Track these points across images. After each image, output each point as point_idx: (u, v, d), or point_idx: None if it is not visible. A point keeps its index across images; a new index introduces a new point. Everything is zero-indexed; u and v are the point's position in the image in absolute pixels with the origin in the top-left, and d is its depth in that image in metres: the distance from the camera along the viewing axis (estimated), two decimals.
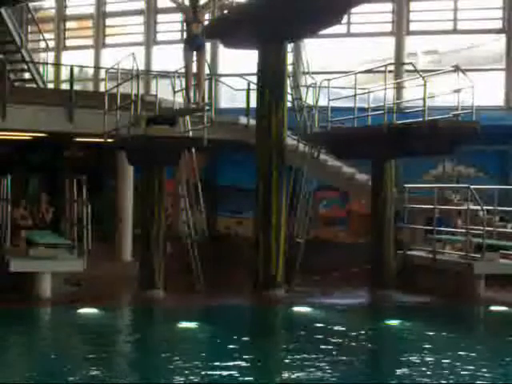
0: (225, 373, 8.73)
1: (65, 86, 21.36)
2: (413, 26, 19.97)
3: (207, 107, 13.96)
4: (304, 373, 8.70)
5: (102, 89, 19.39)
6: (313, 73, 17.20)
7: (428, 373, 8.82)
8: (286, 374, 8.72)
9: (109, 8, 22.80)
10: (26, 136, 17.48)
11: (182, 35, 21.56)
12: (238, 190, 19.64)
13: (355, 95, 15.21)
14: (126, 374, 9.06)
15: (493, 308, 13.25)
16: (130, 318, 13.03)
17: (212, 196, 19.54)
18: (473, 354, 9.77)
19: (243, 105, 17.10)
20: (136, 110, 13.99)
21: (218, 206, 20.36)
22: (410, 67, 16.47)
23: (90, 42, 23.00)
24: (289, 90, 15.73)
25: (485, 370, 9.05)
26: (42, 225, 15.69)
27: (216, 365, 9.17)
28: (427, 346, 10.17)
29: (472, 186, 14.54)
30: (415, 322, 11.88)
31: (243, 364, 9.41)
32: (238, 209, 19.82)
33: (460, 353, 9.78)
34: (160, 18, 22.09)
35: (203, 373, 8.64)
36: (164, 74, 17.19)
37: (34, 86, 19.10)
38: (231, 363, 9.44)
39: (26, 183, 19.65)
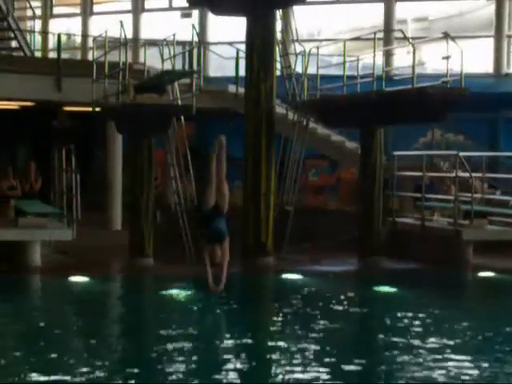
0: (216, 339, 8.77)
1: (52, 55, 21.20)
2: None
3: (196, 75, 13.91)
4: (294, 339, 8.75)
5: (90, 57, 19.26)
6: (302, 40, 17.12)
7: (416, 335, 8.90)
8: (274, 340, 8.76)
9: None
10: (14, 105, 17.38)
11: (170, 2, 21.45)
12: (227, 158, 19.58)
13: (344, 63, 15.14)
14: (116, 341, 9.10)
15: (481, 274, 13.35)
16: (121, 285, 13.07)
17: (202, 165, 19.49)
18: (460, 320, 9.86)
19: (232, 73, 17.01)
20: (124, 78, 13.92)
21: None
22: (400, 34, 16.41)
23: (77, 9, 22.80)
24: (278, 58, 15.67)
25: (470, 332, 9.20)
26: (30, 194, 15.64)
27: (207, 331, 9.24)
28: (416, 311, 10.25)
29: (461, 153, 14.56)
30: (404, 288, 11.96)
31: (234, 330, 9.49)
32: (228, 178, 19.75)
33: (448, 318, 9.88)
34: None
35: (194, 340, 8.68)
36: (152, 42, 17.08)
37: (21, 54, 18.93)
38: (222, 329, 9.52)
39: (14, 153, 19.59)
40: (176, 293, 11.28)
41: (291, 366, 7.61)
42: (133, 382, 7.10)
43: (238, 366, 7.70)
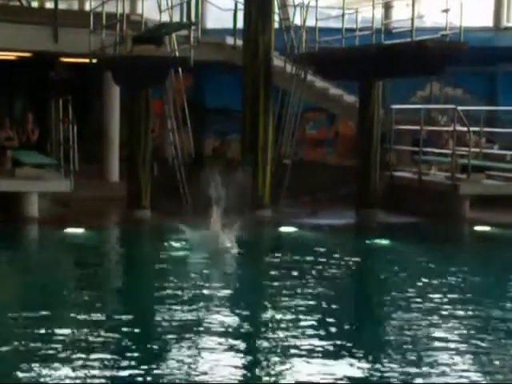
0: (208, 291, 8.84)
1: (49, 5, 20.95)
2: None
3: (193, 27, 13.83)
4: (291, 290, 8.82)
5: (87, 8, 19.07)
6: None
7: (410, 288, 8.98)
8: (266, 293, 8.85)
9: None
10: (11, 56, 17.26)
11: None
12: (225, 111, 19.55)
13: (343, 15, 15.03)
14: (114, 292, 9.19)
15: (477, 228, 13.43)
16: (116, 237, 13.13)
17: (199, 118, 19.47)
18: (455, 273, 9.95)
19: (230, 25, 16.88)
20: (121, 29, 13.83)
21: (205, 127, 20.29)
22: None
23: None
24: (276, 10, 15.54)
25: (464, 284, 9.30)
26: (27, 145, 15.65)
27: (200, 283, 9.30)
28: (410, 264, 10.35)
29: (459, 107, 14.52)
30: (400, 241, 12.03)
31: (227, 281, 9.58)
32: (226, 130, 19.75)
33: (442, 270, 9.96)
34: None
35: (188, 291, 8.75)
36: None
37: (18, 4, 18.77)
38: (215, 281, 9.58)
39: (11, 103, 19.51)
40: (172, 244, 11.33)
41: (282, 318, 7.68)
42: (130, 331, 7.16)
43: (229, 317, 7.77)
